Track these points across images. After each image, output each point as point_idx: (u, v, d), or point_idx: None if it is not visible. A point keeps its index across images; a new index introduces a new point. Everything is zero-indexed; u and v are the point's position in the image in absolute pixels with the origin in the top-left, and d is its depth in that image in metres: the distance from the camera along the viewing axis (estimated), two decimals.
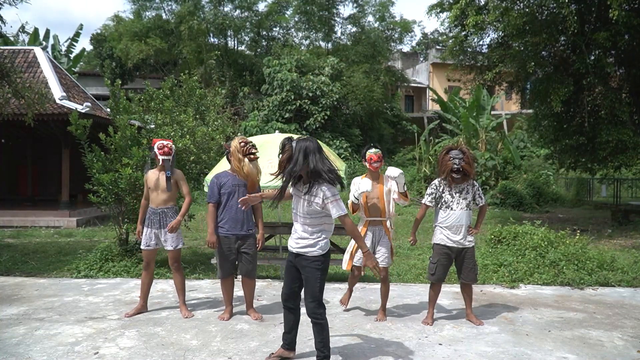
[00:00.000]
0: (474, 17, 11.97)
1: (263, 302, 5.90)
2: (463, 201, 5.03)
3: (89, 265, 7.51)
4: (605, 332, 4.89)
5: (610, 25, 11.02)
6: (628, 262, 7.65)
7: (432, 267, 5.14)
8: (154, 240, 5.39)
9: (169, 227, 5.29)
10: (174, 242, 5.39)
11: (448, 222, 5.03)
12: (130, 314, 5.29)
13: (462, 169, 4.92)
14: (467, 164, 4.95)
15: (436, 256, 5.13)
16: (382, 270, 5.14)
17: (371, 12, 30.41)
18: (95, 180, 7.68)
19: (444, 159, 5.05)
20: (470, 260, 5.11)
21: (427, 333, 4.82)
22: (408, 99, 37.80)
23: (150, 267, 5.50)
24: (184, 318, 5.24)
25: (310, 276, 3.87)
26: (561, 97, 11.47)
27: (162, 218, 5.36)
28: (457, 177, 4.95)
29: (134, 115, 8.34)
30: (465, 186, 5.07)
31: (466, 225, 5.05)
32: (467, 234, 5.06)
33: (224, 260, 5.14)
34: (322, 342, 3.88)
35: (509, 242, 8.05)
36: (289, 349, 4.16)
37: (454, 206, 5.02)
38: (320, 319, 3.86)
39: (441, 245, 5.09)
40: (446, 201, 5.07)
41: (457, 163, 4.91)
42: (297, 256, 3.94)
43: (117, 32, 28.07)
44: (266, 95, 24.74)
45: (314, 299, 3.86)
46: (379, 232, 5.21)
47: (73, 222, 13.98)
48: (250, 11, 29.08)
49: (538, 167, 23.13)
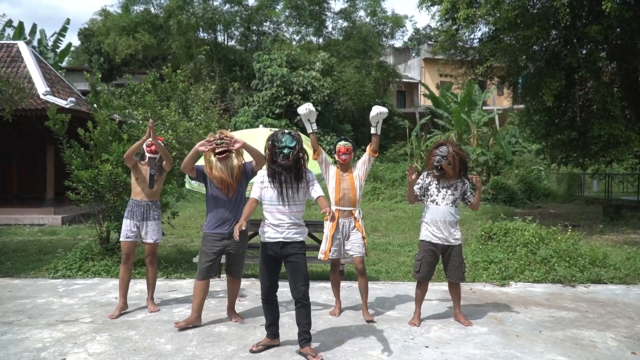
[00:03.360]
0: (465, 11, 11.82)
1: (245, 303, 5.69)
2: (450, 197, 4.87)
3: (67, 264, 7.25)
4: (598, 333, 4.72)
5: (602, 19, 10.90)
6: (620, 259, 7.51)
7: (417, 265, 4.98)
8: (134, 232, 5.30)
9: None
10: (154, 235, 5.36)
11: (433, 217, 4.88)
12: (115, 316, 5.12)
13: (439, 167, 4.81)
14: (449, 164, 4.79)
15: (421, 253, 4.97)
16: (358, 262, 5.08)
17: (362, 6, 30.18)
18: (74, 177, 7.45)
19: (432, 153, 4.95)
20: (457, 258, 4.93)
21: (414, 335, 4.63)
22: (400, 95, 37.63)
23: (129, 262, 5.35)
24: (150, 312, 5.24)
25: (300, 261, 4.10)
26: (553, 92, 11.35)
27: (146, 211, 5.32)
28: (436, 174, 4.88)
29: (115, 110, 8.08)
30: (454, 182, 4.91)
31: (452, 222, 4.88)
32: (453, 231, 4.88)
33: (204, 260, 4.83)
34: (309, 323, 4.13)
35: (499, 239, 7.91)
36: (275, 337, 4.32)
37: (439, 201, 4.88)
38: (308, 301, 4.13)
39: (426, 242, 4.94)
40: (432, 195, 4.93)
41: (436, 160, 4.82)
42: (283, 245, 4.08)
43: (105, 26, 27.71)
44: (256, 91, 24.45)
45: (305, 283, 4.12)
46: (349, 224, 5.08)
47: (58, 219, 13.71)
48: (240, 5, 28.78)
49: (530, 163, 23.06)
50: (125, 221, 5.31)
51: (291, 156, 4.03)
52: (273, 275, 4.22)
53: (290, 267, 4.12)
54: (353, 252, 5.06)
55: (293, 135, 4.11)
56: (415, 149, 23.90)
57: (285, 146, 4.04)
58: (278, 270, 4.26)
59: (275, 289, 4.25)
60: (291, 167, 4.05)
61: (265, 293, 4.22)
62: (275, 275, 4.24)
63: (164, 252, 9.30)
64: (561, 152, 14.24)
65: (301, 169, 4.12)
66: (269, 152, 4.12)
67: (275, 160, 4.07)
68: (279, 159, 4.04)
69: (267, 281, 4.20)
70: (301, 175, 4.12)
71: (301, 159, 4.12)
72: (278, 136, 4.10)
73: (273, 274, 4.22)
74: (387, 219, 14.21)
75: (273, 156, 4.09)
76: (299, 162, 4.10)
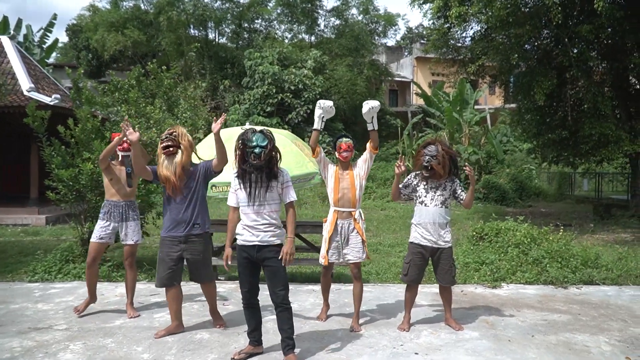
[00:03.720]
0: (457, 9, 11.69)
1: (229, 307, 5.51)
2: (439, 197, 4.70)
3: (47, 267, 7.02)
4: (592, 337, 4.58)
5: (593, 18, 10.81)
6: (612, 259, 7.39)
7: (405, 267, 4.81)
8: (108, 234, 5.17)
9: None
10: (135, 236, 5.24)
11: (421, 219, 4.71)
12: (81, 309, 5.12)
13: (430, 167, 4.64)
14: (439, 163, 4.63)
15: (409, 255, 4.80)
16: (353, 267, 4.87)
17: (355, 4, 30.02)
18: (54, 177, 7.23)
19: (420, 152, 4.79)
20: (447, 262, 4.75)
21: (403, 340, 4.47)
22: (392, 94, 37.52)
23: (95, 265, 5.24)
24: (129, 318, 5.05)
25: (278, 265, 3.92)
26: (544, 91, 11.27)
27: (124, 211, 5.19)
28: (426, 174, 4.71)
29: (98, 107, 7.86)
30: (443, 182, 4.74)
31: (442, 224, 4.70)
32: (442, 233, 4.70)
33: (163, 268, 4.51)
34: (291, 328, 3.98)
35: (491, 239, 7.77)
36: (258, 345, 4.15)
37: (427, 202, 4.71)
38: (289, 304, 3.98)
39: (415, 244, 4.76)
40: (420, 196, 4.77)
41: (426, 160, 4.65)
42: (260, 249, 3.92)
43: (93, 22, 27.35)
44: (247, 89, 24.21)
45: (285, 287, 3.96)
46: (348, 225, 4.83)
47: (42, 219, 13.45)
48: (231, 2, 28.50)
49: (521, 162, 23.01)
50: (101, 222, 5.16)
51: (263, 155, 3.85)
52: (252, 278, 4.04)
53: (268, 271, 3.96)
54: (352, 256, 4.81)
55: (265, 133, 3.93)
56: (407, 148, 23.77)
57: (257, 145, 3.86)
58: (257, 273, 4.08)
59: (255, 292, 4.08)
60: (262, 167, 3.88)
61: (245, 297, 4.06)
62: (255, 278, 4.06)
63: (149, 253, 9.08)
64: (552, 151, 14.17)
65: (273, 168, 3.95)
66: (239, 152, 3.93)
67: (246, 160, 3.89)
68: (250, 158, 3.87)
69: (246, 285, 4.04)
70: (273, 175, 3.95)
71: (273, 158, 3.95)
72: (248, 135, 3.90)
73: (252, 277, 4.04)
74: (378, 218, 14.06)
75: (244, 156, 3.91)
76: (271, 161, 3.93)
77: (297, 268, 7.52)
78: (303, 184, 5.97)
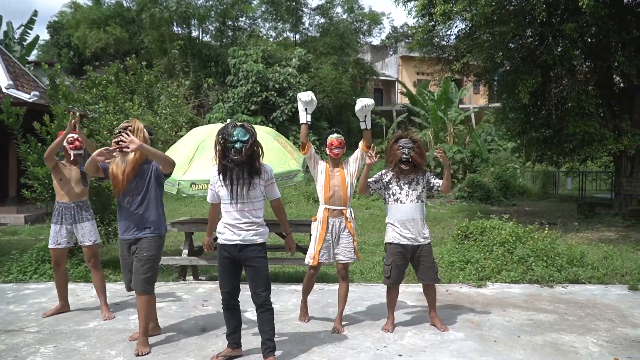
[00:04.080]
0: (442, 6, 11.63)
1: (209, 308, 5.35)
2: (413, 192, 4.57)
3: (22, 267, 6.82)
4: (579, 337, 4.50)
5: (577, 16, 10.81)
6: (598, 257, 7.36)
7: (387, 270, 4.63)
8: (65, 238, 5.00)
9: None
10: (92, 237, 5.05)
11: (399, 217, 4.55)
12: (49, 314, 4.96)
13: (411, 160, 4.49)
14: (418, 154, 4.52)
15: (390, 257, 4.61)
16: (341, 268, 4.74)
17: (339, 3, 29.91)
18: (30, 174, 7.02)
19: (393, 147, 4.61)
20: (428, 258, 4.60)
21: (387, 342, 4.35)
22: (377, 92, 37.50)
23: (61, 267, 5.08)
24: (104, 320, 4.87)
25: (261, 265, 3.82)
26: (529, 89, 11.24)
27: (76, 213, 5.01)
28: (405, 168, 4.53)
29: (75, 103, 7.65)
30: (415, 177, 4.62)
31: (419, 219, 4.56)
32: (421, 229, 4.56)
33: (124, 272, 4.27)
34: (272, 329, 3.87)
35: (476, 238, 7.69)
36: (237, 347, 4.01)
37: (403, 199, 4.56)
38: (271, 305, 3.88)
39: (394, 245, 4.58)
40: (394, 193, 4.61)
41: (406, 152, 4.48)
42: (242, 248, 3.79)
43: (75, 19, 26.89)
44: (231, 87, 23.97)
45: (267, 288, 3.86)
46: (339, 224, 4.70)
47: (21, 218, 13.15)
48: (215, 0, 28.20)
49: (505, 160, 23.10)
50: (54, 227, 4.99)
51: (244, 151, 3.67)
52: (233, 279, 3.88)
53: (250, 271, 3.82)
54: (342, 256, 4.68)
55: (246, 128, 3.75)
56: None
57: (237, 140, 3.67)
58: (239, 273, 3.92)
59: (236, 293, 3.93)
60: (244, 163, 3.71)
61: (225, 299, 3.90)
62: (236, 278, 3.90)
63: None
64: (536, 150, 14.17)
65: (255, 164, 3.78)
66: (219, 147, 3.74)
67: (227, 155, 3.72)
68: (231, 154, 3.69)
69: (226, 285, 3.88)
70: (255, 171, 3.79)
71: (255, 154, 3.78)
72: (229, 129, 3.71)
73: (233, 277, 3.88)
74: (363, 217, 13.95)
75: (224, 151, 3.72)
76: (253, 156, 3.76)
77: (279, 268, 7.38)
78: (285, 181, 5.84)
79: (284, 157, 5.90)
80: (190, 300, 5.66)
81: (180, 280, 6.68)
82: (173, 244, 9.71)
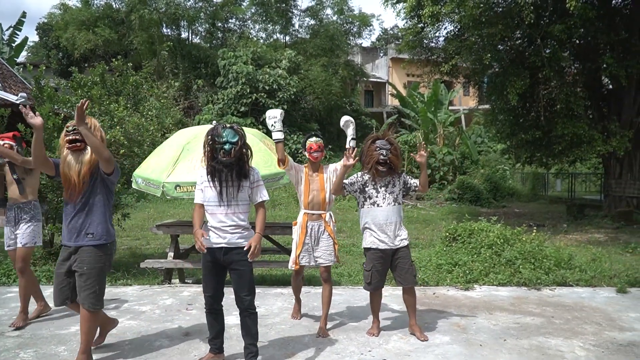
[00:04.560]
0: (430, 8, 11.65)
1: (193, 312, 5.27)
2: (390, 196, 4.46)
3: (6, 270, 6.74)
4: (565, 340, 4.47)
5: (566, 18, 10.85)
6: (586, 260, 7.34)
7: (367, 275, 4.50)
8: (13, 239, 4.89)
9: None
10: (24, 239, 4.85)
11: (376, 221, 4.44)
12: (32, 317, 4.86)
13: (388, 161, 4.38)
14: (395, 155, 4.42)
15: (370, 262, 4.50)
16: (323, 271, 4.70)
17: (329, 4, 29.92)
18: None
19: (370, 149, 4.47)
20: (405, 261, 4.47)
21: (372, 346, 4.29)
22: (367, 94, 37.53)
23: (27, 270, 4.90)
24: (11, 327, 4.66)
25: (245, 269, 3.76)
26: (517, 91, 11.28)
27: (17, 214, 4.88)
28: (382, 170, 4.39)
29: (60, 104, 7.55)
30: (391, 179, 4.51)
31: (396, 222, 4.46)
32: (399, 232, 4.46)
33: (55, 282, 3.88)
34: (256, 334, 3.82)
35: (464, 240, 7.66)
36: (219, 352, 3.95)
37: (379, 202, 4.45)
38: (255, 310, 3.82)
39: (373, 250, 4.46)
40: (370, 196, 4.49)
41: (384, 154, 4.36)
42: (227, 252, 3.72)
43: (64, 20, 26.69)
44: (221, 89, 23.89)
45: (251, 292, 3.79)
46: (318, 227, 4.69)
47: None
48: (204, 1, 28.16)
49: (495, 162, 23.17)
50: (5, 229, 4.91)
51: (233, 152, 3.63)
52: (217, 283, 3.82)
53: (235, 275, 3.75)
54: (323, 259, 4.67)
55: (235, 129, 3.71)
56: None
57: (227, 141, 3.63)
58: (223, 277, 3.85)
59: (220, 297, 3.86)
60: (233, 164, 3.65)
61: (208, 302, 3.83)
62: (220, 282, 3.84)
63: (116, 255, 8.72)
64: (525, 152, 14.21)
65: (244, 166, 3.73)
66: (208, 147, 3.70)
67: (216, 156, 3.66)
68: (220, 155, 3.64)
69: (210, 289, 3.81)
70: (244, 173, 3.73)
71: (244, 155, 3.72)
72: (218, 130, 3.67)
73: (217, 281, 3.82)
74: (352, 219, 13.91)
75: (213, 152, 3.68)
76: (242, 158, 3.71)
77: (267, 270, 7.31)
78: (272, 183, 5.77)
79: (270, 159, 5.83)
80: (174, 304, 5.58)
81: (165, 284, 6.59)
82: (160, 247, 9.62)
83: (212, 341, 3.91)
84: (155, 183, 5.58)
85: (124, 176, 7.62)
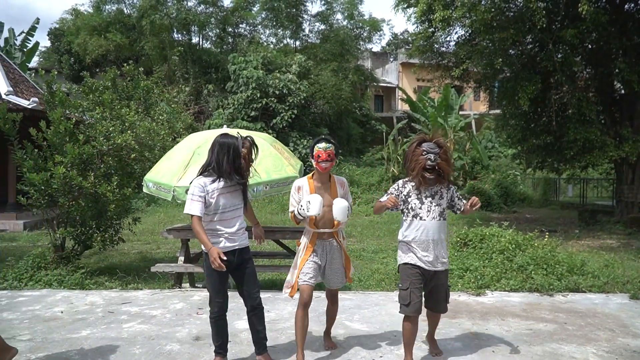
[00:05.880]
0: (441, 12, 11.61)
1: (204, 317, 5.27)
2: (436, 208, 3.83)
3: (18, 274, 6.78)
4: (579, 347, 4.42)
5: (578, 22, 10.78)
6: (599, 266, 7.28)
7: (405, 295, 3.77)
8: None
9: None
10: None
11: (417, 237, 3.81)
12: None
13: (437, 167, 3.74)
14: (445, 160, 3.78)
15: (406, 280, 3.80)
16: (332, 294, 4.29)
17: (339, 9, 29.92)
18: (26, 181, 6.97)
19: (415, 152, 3.81)
20: (443, 287, 3.93)
21: (383, 352, 4.27)
22: (377, 99, 37.54)
23: None
24: None
25: (253, 266, 3.93)
26: (529, 95, 11.20)
27: None
28: (429, 177, 3.76)
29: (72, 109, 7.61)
30: (439, 189, 3.88)
31: (442, 240, 3.86)
32: (441, 253, 3.85)
33: None
34: (265, 327, 3.94)
35: (475, 245, 7.62)
36: (224, 356, 4.03)
37: (423, 215, 3.81)
38: (262, 305, 3.95)
39: (410, 265, 3.82)
40: (413, 208, 3.84)
41: (432, 159, 3.71)
42: (239, 253, 3.83)
43: (75, 26, 26.97)
44: (231, 93, 23.95)
45: (259, 288, 3.96)
46: (330, 246, 4.09)
47: (20, 225, 13.13)
48: (215, 7, 28.25)
49: (506, 167, 23.05)
50: None
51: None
52: (225, 287, 3.92)
53: (246, 273, 3.87)
54: (333, 283, 4.15)
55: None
56: (392, 153, 23.70)
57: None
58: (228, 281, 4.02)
59: (227, 303, 3.96)
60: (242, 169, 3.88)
61: (219, 309, 3.87)
62: (226, 287, 3.95)
63: (127, 259, 8.84)
64: (537, 157, 14.12)
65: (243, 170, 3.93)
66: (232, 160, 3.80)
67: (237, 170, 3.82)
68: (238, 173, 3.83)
69: (221, 295, 3.87)
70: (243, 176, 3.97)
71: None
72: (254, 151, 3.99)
73: (225, 286, 3.92)
74: (362, 224, 13.89)
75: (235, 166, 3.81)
76: None
77: (277, 275, 7.31)
78: (282, 188, 5.78)
79: (280, 164, 5.84)
80: (185, 308, 5.59)
81: (175, 288, 6.61)
82: (170, 251, 9.66)
83: (221, 347, 3.95)
84: (166, 187, 5.61)
85: (135, 180, 7.67)
